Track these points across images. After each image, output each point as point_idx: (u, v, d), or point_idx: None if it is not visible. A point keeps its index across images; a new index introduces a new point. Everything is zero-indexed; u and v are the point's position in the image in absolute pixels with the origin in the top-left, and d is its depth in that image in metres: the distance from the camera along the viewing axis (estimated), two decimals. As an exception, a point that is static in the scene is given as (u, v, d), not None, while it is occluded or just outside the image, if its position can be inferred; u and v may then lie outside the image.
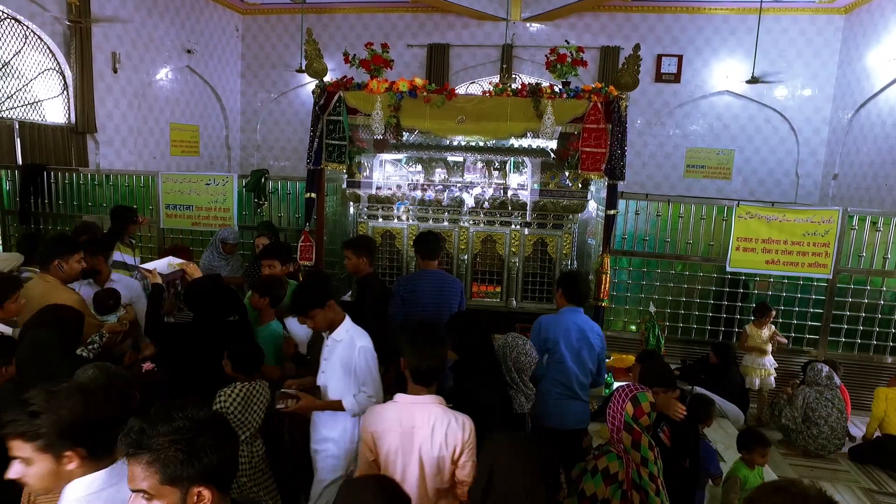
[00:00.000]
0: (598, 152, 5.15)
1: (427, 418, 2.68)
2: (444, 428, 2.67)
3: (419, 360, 2.74)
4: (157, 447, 1.58)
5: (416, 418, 2.68)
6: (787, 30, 10.98)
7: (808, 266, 6.23)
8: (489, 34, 11.94)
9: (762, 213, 6.26)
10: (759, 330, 6.12)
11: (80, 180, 7.89)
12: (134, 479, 1.60)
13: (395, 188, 6.34)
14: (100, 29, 9.30)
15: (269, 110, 13.31)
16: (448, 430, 2.67)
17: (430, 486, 2.69)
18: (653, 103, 11.66)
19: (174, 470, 1.57)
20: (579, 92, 5.16)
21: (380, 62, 5.34)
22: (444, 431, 2.66)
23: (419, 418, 2.68)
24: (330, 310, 3.40)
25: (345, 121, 5.36)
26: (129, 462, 1.61)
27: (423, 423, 2.67)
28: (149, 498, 1.59)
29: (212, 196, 7.22)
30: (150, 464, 1.58)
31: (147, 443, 1.58)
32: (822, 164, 11.23)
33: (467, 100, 5.34)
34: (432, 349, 2.77)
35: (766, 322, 6.10)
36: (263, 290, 4.38)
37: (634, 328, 6.92)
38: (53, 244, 4.30)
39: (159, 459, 1.57)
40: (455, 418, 2.72)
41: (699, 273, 6.79)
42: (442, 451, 2.66)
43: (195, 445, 1.60)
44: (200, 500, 1.62)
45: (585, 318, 4.22)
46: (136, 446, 1.59)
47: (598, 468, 2.84)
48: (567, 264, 6.09)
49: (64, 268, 4.19)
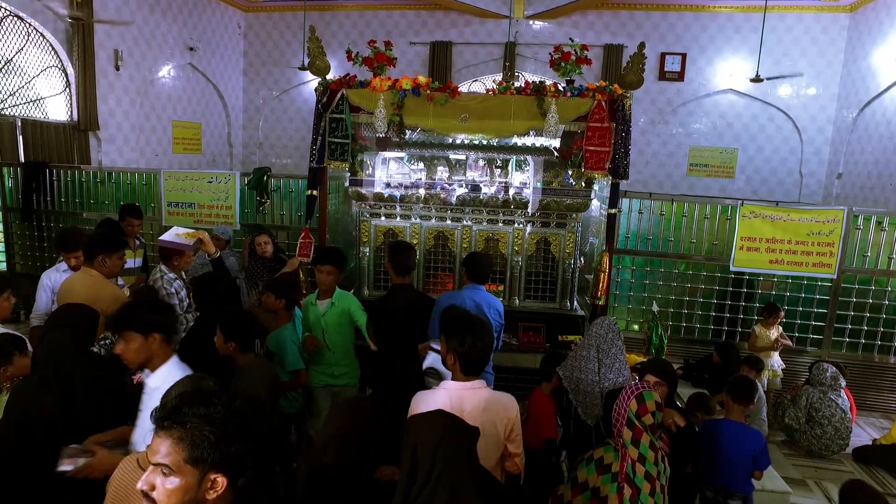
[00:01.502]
0: (602, 151, 5.12)
1: (477, 402, 2.78)
2: (493, 408, 2.80)
3: (468, 351, 2.80)
4: (191, 425, 1.60)
5: (465, 403, 2.77)
6: (792, 28, 10.92)
7: (813, 266, 6.20)
8: (492, 32, 11.91)
9: (766, 212, 6.23)
10: (766, 331, 6.09)
11: (82, 178, 7.87)
12: (157, 453, 1.61)
13: (397, 186, 6.31)
14: (102, 26, 9.28)
15: (272, 108, 13.30)
16: (499, 409, 2.81)
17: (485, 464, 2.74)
18: (656, 101, 11.63)
19: (202, 452, 1.60)
20: (583, 90, 5.13)
21: (383, 60, 5.31)
22: (494, 411, 2.79)
23: (468, 403, 2.77)
24: (152, 342, 2.73)
25: (347, 119, 5.33)
26: (158, 435, 1.63)
27: (472, 408, 2.76)
28: (167, 473, 1.60)
29: (214, 194, 7.19)
30: (180, 440, 1.60)
31: (181, 419, 1.61)
32: (826, 164, 11.18)
33: (471, 98, 5.31)
34: (481, 339, 2.82)
35: (773, 322, 6.06)
36: (280, 291, 4.31)
37: (637, 327, 6.90)
38: (100, 241, 4.45)
39: (190, 438, 1.60)
40: (501, 398, 2.86)
41: (702, 272, 6.77)
42: (494, 429, 2.78)
43: (227, 431, 1.63)
44: (214, 487, 1.63)
45: (485, 294, 4.52)
46: (170, 420, 1.62)
47: (594, 458, 2.89)
48: (570, 263, 6.05)
49: (107, 263, 4.33)
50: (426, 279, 6.28)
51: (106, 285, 4.29)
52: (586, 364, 3.65)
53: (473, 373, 2.85)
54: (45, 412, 2.76)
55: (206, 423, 1.61)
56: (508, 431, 2.85)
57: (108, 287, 4.29)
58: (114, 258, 4.36)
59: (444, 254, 6.24)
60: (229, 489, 1.66)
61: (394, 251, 4.61)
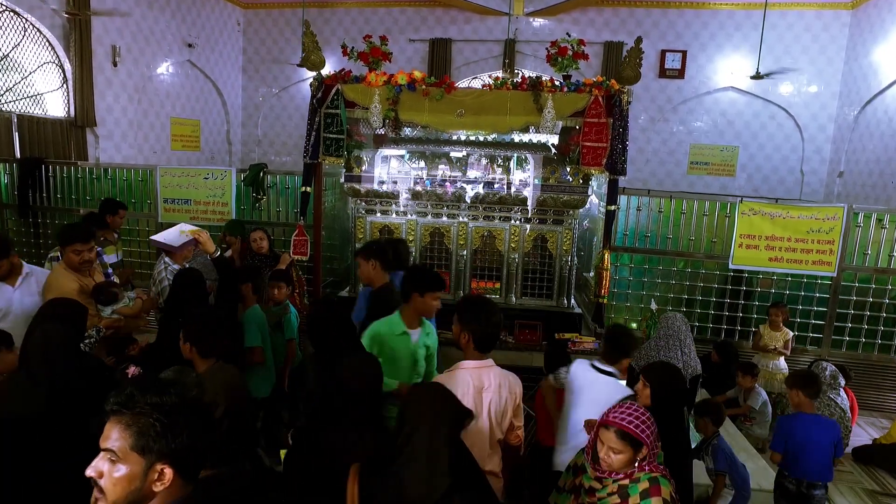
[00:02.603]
0: (599, 147, 5.07)
1: (493, 378, 3.03)
2: (507, 385, 3.06)
3: (482, 327, 3.00)
4: (139, 413, 1.60)
5: (483, 380, 3.00)
6: (793, 25, 10.86)
7: (812, 264, 6.15)
8: (491, 29, 11.85)
9: (766, 209, 6.17)
10: (773, 332, 6.01)
11: (78, 174, 7.82)
12: (108, 438, 1.60)
13: (393, 183, 6.27)
14: (99, 22, 9.25)
15: (271, 105, 13.25)
16: (509, 386, 3.07)
17: (494, 437, 3.05)
18: (656, 99, 11.57)
19: (147, 440, 1.59)
20: (580, 86, 5.09)
21: (378, 55, 5.27)
22: (507, 388, 3.06)
23: (486, 380, 3.01)
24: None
25: (342, 114, 5.29)
26: (110, 420, 1.62)
27: (489, 384, 3.00)
28: (114, 460, 1.58)
29: (210, 190, 7.15)
30: (128, 426, 1.59)
31: (132, 406, 1.61)
32: (827, 162, 11.12)
33: (466, 93, 5.27)
34: (494, 317, 3.04)
35: (778, 323, 5.99)
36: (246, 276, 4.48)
37: (636, 325, 6.84)
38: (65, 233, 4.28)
39: (137, 425, 1.59)
40: (511, 375, 3.13)
41: (701, 270, 6.70)
42: (506, 405, 3.05)
43: (174, 423, 1.61)
44: (161, 479, 1.61)
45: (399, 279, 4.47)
46: (120, 406, 1.61)
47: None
48: (568, 260, 6.01)
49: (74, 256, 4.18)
50: (422, 276, 6.22)
51: (61, 277, 4.15)
52: (668, 353, 4.15)
53: (486, 350, 3.06)
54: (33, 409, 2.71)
55: (155, 410, 1.60)
56: (515, 406, 3.11)
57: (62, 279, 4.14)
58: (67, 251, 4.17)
59: (440, 251, 6.19)
60: (180, 482, 1.64)
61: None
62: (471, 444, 2.81)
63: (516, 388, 3.12)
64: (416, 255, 6.11)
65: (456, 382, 2.96)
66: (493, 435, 3.04)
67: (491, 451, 3.06)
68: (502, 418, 3.06)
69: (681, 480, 3.19)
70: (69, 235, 4.24)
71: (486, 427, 3.02)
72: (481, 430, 3.01)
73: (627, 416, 2.43)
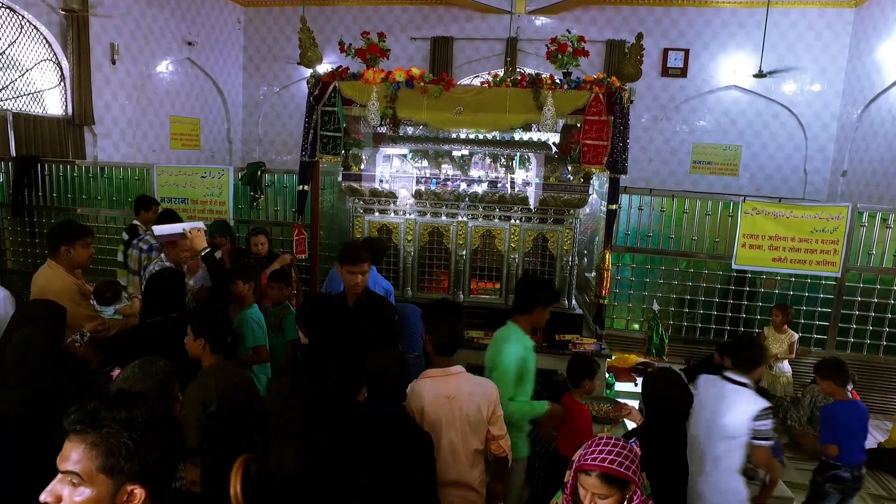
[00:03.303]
0: (600, 145, 4.98)
1: (461, 386, 2.94)
2: (477, 392, 2.95)
3: (441, 333, 2.99)
4: (108, 430, 1.45)
5: (450, 388, 2.92)
6: (796, 23, 10.78)
7: (817, 264, 6.06)
8: (493, 27, 11.79)
9: (769, 209, 6.09)
10: (777, 334, 5.92)
11: (74, 172, 7.75)
12: (67, 460, 1.45)
13: (392, 182, 6.18)
14: (97, 19, 9.18)
15: (272, 104, 13.20)
16: (481, 393, 2.96)
17: (469, 447, 2.93)
18: (658, 98, 11.49)
19: (118, 460, 1.45)
20: (580, 83, 4.99)
21: (375, 51, 5.18)
22: (478, 395, 2.94)
23: (453, 388, 2.92)
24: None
25: (340, 112, 5.20)
26: (70, 439, 1.47)
27: (458, 392, 2.92)
28: (76, 483, 1.44)
29: (207, 189, 7.08)
30: (94, 446, 1.44)
31: (97, 424, 1.45)
32: (830, 161, 11.04)
33: (465, 90, 5.18)
34: (456, 321, 3.04)
35: (781, 324, 5.89)
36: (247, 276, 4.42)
37: (637, 327, 6.77)
38: (61, 230, 4.15)
39: (105, 444, 1.45)
40: (482, 382, 3.03)
41: (704, 270, 6.62)
42: (479, 414, 2.93)
43: (146, 440, 1.48)
44: (131, 500, 1.49)
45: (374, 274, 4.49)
46: (84, 424, 1.46)
47: None
48: (568, 260, 5.92)
49: (71, 253, 4.08)
50: (420, 277, 6.15)
51: (57, 277, 4.03)
52: None
53: (449, 353, 3.02)
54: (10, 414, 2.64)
55: (126, 428, 1.46)
56: (490, 413, 2.97)
57: (58, 279, 4.02)
58: (77, 247, 4.08)
59: (438, 251, 6.11)
60: (150, 501, 1.52)
61: None
62: (445, 455, 2.86)
63: (491, 395, 2.99)
64: (415, 254, 6.03)
65: (423, 392, 2.92)
66: (467, 445, 2.93)
67: (469, 462, 2.95)
68: (477, 427, 2.95)
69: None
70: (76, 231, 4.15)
71: (457, 439, 2.91)
72: (452, 442, 2.90)
73: (608, 456, 2.10)
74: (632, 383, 6.16)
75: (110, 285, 4.92)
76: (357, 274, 3.74)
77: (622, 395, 5.71)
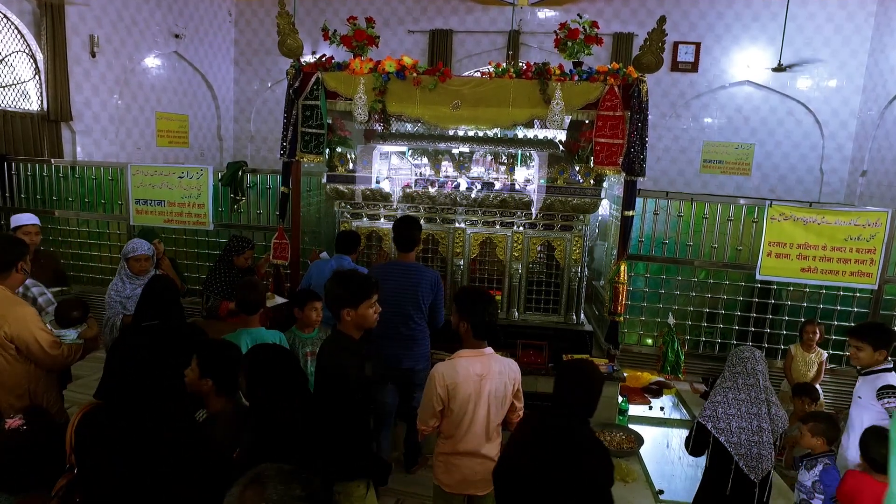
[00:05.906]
0: (615, 144, 4.46)
1: (492, 366, 3.22)
2: (505, 371, 3.27)
3: (479, 317, 3.17)
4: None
5: (481, 367, 3.19)
6: (815, 15, 10.23)
7: (851, 275, 5.51)
8: (495, 20, 11.27)
9: (798, 214, 5.53)
10: (806, 354, 5.38)
11: (45, 172, 7.21)
12: None
13: (381, 184, 5.62)
14: (75, 8, 8.64)
15: (264, 99, 12.66)
16: (508, 372, 3.29)
17: (493, 421, 3.26)
18: (668, 94, 10.95)
19: None
20: (593, 73, 4.46)
21: (363, 38, 4.66)
22: (506, 373, 3.26)
23: (484, 367, 3.19)
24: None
25: (323, 106, 4.68)
26: None
27: (488, 371, 3.19)
28: None
29: (185, 191, 6.54)
30: None
31: None
32: (849, 161, 10.49)
33: (463, 82, 4.65)
34: (490, 306, 3.23)
35: (812, 343, 5.35)
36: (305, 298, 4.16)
37: (651, 342, 6.22)
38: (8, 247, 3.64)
39: None
40: (508, 361, 3.36)
41: (725, 281, 6.06)
42: (506, 390, 3.27)
43: None
44: None
45: (349, 262, 4.73)
46: None
47: None
48: (577, 271, 5.39)
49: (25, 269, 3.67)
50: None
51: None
52: (749, 408, 3.15)
53: (485, 337, 3.24)
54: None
55: None
56: (515, 389, 3.34)
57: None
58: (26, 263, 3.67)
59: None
60: None
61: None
62: (475, 428, 3.19)
63: (515, 373, 3.36)
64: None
65: (456, 370, 3.16)
66: (490, 421, 3.24)
67: (488, 437, 3.25)
68: (502, 403, 3.26)
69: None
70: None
71: (483, 414, 3.20)
72: (479, 417, 3.21)
73: None
74: (646, 406, 5.62)
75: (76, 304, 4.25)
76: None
77: (636, 421, 5.17)
